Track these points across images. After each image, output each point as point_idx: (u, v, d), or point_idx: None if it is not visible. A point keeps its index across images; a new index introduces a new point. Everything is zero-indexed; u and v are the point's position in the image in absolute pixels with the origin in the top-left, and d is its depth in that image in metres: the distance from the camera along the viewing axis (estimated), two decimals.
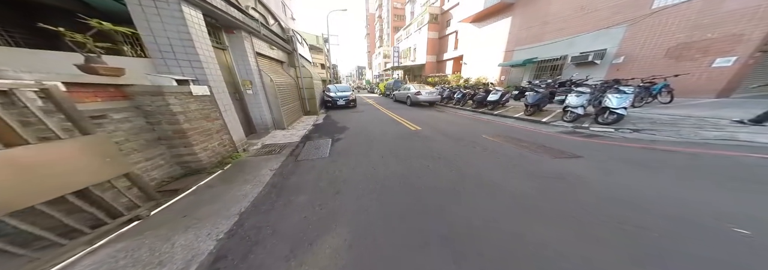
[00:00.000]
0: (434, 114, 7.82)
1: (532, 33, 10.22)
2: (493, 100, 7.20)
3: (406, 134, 4.87)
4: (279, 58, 6.47)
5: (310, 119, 7.14)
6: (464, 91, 9.56)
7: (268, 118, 4.87)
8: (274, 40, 5.51)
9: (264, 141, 4.31)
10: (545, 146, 3.55)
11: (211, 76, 2.82)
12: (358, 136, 4.82)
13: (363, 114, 8.24)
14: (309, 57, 11.63)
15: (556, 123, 4.90)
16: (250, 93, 4.34)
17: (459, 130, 5.15)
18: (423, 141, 4.26)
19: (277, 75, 5.72)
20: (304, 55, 9.69)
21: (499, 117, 6.49)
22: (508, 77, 11.90)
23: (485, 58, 14.02)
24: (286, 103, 5.92)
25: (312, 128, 5.83)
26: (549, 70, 9.42)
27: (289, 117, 5.98)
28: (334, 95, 9.93)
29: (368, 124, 6.23)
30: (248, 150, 3.73)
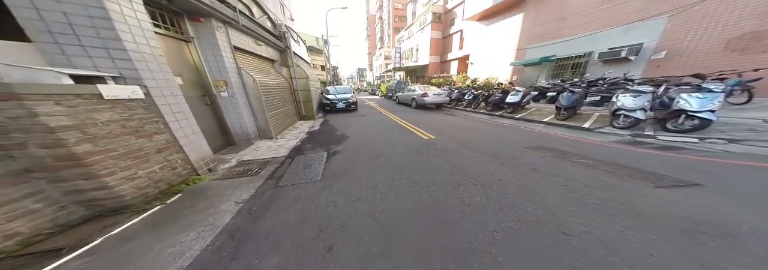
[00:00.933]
0: (445, 118, 6.93)
1: (548, 29, 9.38)
2: (512, 102, 6.32)
3: (419, 146, 3.97)
4: (269, 56, 5.63)
5: (305, 125, 6.27)
6: (476, 92, 8.70)
7: (251, 126, 4.00)
8: (260, 35, 4.67)
9: (242, 156, 3.43)
10: (620, 165, 2.64)
11: (148, 73, 1.96)
12: (359, 149, 3.93)
13: (365, 119, 7.36)
14: (306, 57, 10.83)
15: (604, 129, 3.99)
16: (225, 96, 3.47)
17: (483, 139, 4.25)
18: (443, 156, 3.36)
19: (265, 75, 4.87)
20: (300, 54, 8.89)
21: (523, 122, 5.60)
22: (521, 77, 11.03)
23: (494, 57, 13.19)
24: (276, 106, 5.06)
25: (305, 137, 4.95)
26: (570, 68, 8.54)
27: (279, 123, 5.11)
28: (333, 98, 9.08)
29: (372, 131, 5.35)
30: (216, 170, 2.84)
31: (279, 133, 5.06)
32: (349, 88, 10.74)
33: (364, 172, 2.88)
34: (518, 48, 11.16)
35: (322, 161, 3.35)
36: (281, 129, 5.23)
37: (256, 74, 4.30)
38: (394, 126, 5.89)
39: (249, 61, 4.44)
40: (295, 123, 6.59)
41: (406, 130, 5.36)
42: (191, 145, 2.41)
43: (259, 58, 5.17)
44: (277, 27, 6.45)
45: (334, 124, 6.58)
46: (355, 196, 2.27)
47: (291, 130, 5.60)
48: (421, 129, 5.33)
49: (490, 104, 7.30)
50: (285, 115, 5.65)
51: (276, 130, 4.83)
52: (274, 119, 4.75)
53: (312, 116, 7.53)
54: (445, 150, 3.64)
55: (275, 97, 5.10)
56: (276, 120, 4.89)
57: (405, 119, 6.87)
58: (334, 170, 2.99)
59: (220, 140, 3.54)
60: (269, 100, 4.67)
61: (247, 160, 3.28)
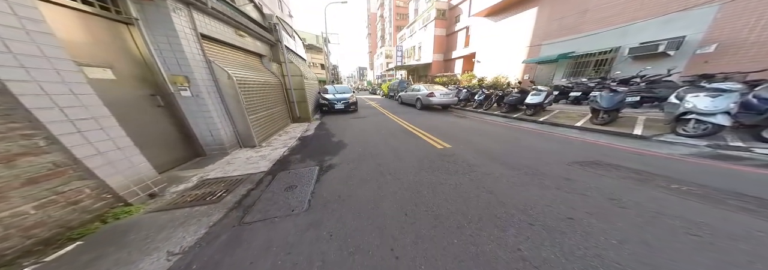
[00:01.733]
0: (456, 121, 6.15)
1: (566, 24, 8.59)
2: (533, 103, 5.54)
3: (433, 158, 3.21)
4: (256, 51, 4.87)
5: (299, 129, 5.50)
6: (487, 92, 7.93)
7: (227, 133, 3.24)
8: (241, 24, 3.91)
9: (208, 172, 2.66)
10: (743, 194, 1.87)
11: (9, 58, 1.19)
12: (360, 162, 3.17)
13: (366, 121, 6.59)
14: (303, 53, 10.07)
15: (665, 138, 3.22)
16: (187, 95, 2.70)
17: (511, 149, 3.48)
18: (469, 173, 2.60)
19: (250, 71, 4.11)
20: (296, 50, 8.12)
21: (550, 126, 4.82)
22: (533, 76, 10.25)
23: (503, 55, 12.41)
24: (262, 108, 4.29)
25: (296, 144, 4.18)
26: (592, 65, 7.76)
27: (265, 128, 4.35)
28: (332, 97, 8.32)
29: (374, 137, 4.58)
30: (162, 194, 2.08)
31: (265, 139, 4.29)
32: (348, 88, 9.98)
33: (366, 199, 2.12)
34: (531, 45, 10.38)
35: (312, 180, 2.59)
36: (268, 134, 4.47)
37: (235, 70, 3.54)
38: (399, 130, 5.11)
39: (227, 54, 3.67)
40: (287, 126, 5.83)
41: (414, 135, 4.58)
42: (113, 166, 1.65)
43: (243, 52, 4.40)
44: (266, 18, 5.68)
45: (331, 127, 5.81)
46: (354, 245, 1.52)
47: (281, 135, 4.83)
48: (431, 134, 4.56)
49: (506, 105, 6.53)
50: (273, 118, 4.89)
51: (261, 135, 4.06)
52: (258, 123, 3.99)
53: (307, 118, 6.76)
54: (469, 165, 2.87)
55: (261, 96, 4.33)
56: (261, 124, 4.13)
57: (410, 122, 6.10)
58: (325, 195, 2.23)
59: (179, 151, 2.78)
60: (253, 100, 3.90)
61: (212, 179, 2.52)
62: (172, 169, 2.60)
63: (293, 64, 6.19)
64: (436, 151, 3.52)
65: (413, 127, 5.35)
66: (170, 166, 2.61)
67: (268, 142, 4.22)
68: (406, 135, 4.64)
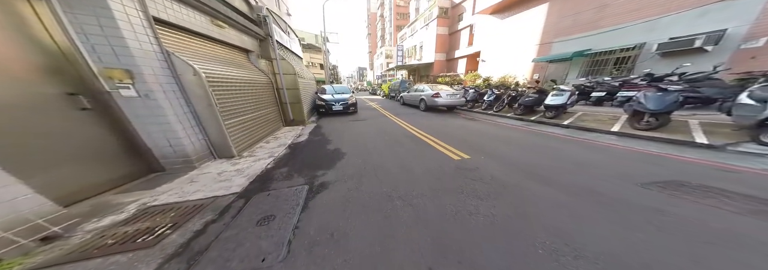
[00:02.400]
0: (466, 124, 5.52)
1: (581, 20, 8.00)
2: (555, 105, 4.91)
3: (452, 173, 2.57)
4: (241, 45, 4.24)
5: (291, 134, 4.86)
6: (497, 92, 7.32)
7: (193, 142, 2.59)
8: (217, 11, 3.27)
9: (157, 196, 2.01)
10: None
11: None
12: (360, 179, 2.54)
13: (367, 124, 5.96)
14: (299, 51, 9.45)
15: (746, 147, 2.59)
16: (131, 95, 2.06)
17: (547, 161, 2.84)
18: (504, 197, 1.97)
19: (227, 67, 3.48)
20: (291, 47, 7.50)
21: (578, 131, 4.20)
22: (544, 75, 9.64)
23: (510, 53, 11.82)
24: (246, 111, 3.66)
25: (284, 154, 3.54)
26: (613, 63, 7.14)
27: (249, 134, 3.71)
28: (330, 98, 7.68)
29: (376, 144, 3.94)
30: (69, 236, 1.44)
31: (249, 147, 3.65)
32: (347, 88, 9.36)
33: (370, 240, 1.49)
34: (541, 43, 9.78)
35: (297, 207, 1.97)
36: (253, 141, 3.83)
37: (208, 65, 2.90)
38: (404, 135, 4.48)
39: (198, 46, 3.03)
40: (278, 130, 5.18)
41: (422, 142, 3.95)
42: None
43: (223, 46, 3.77)
44: (255, 10, 5.05)
45: (327, 131, 5.17)
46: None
47: (268, 141, 4.19)
48: (442, 141, 3.92)
49: (521, 107, 5.90)
50: (260, 121, 4.25)
51: (242, 143, 3.42)
52: (239, 129, 3.34)
53: (302, 121, 6.12)
54: (502, 184, 2.24)
55: (245, 97, 3.70)
56: (243, 129, 3.48)
57: (416, 125, 5.46)
58: (312, 233, 1.61)
59: (121, 168, 2.13)
60: (233, 101, 3.26)
61: (158, 206, 1.87)
62: (105, 192, 1.95)
63: (285, 62, 5.56)
64: (453, 164, 2.88)
65: (420, 132, 4.72)
66: (104, 188, 1.96)
67: (251, 150, 3.57)
68: (413, 142, 4.00)
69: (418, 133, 4.69)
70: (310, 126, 5.97)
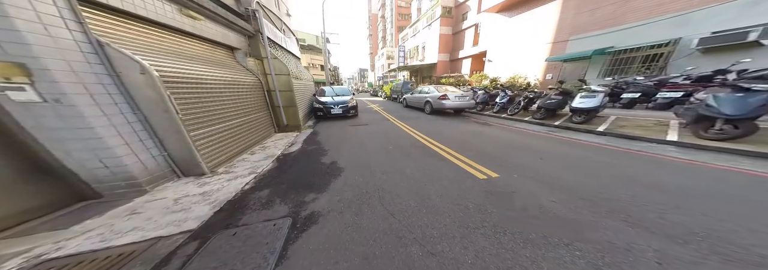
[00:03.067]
0: (481, 131, 4.89)
1: (601, 15, 7.37)
2: (585, 108, 4.27)
3: (482, 201, 1.95)
4: (223, 41, 3.67)
5: (282, 142, 4.27)
6: (510, 94, 6.71)
7: (140, 161, 2.00)
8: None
9: (71, 237, 1.41)
10: None
11: None
12: (360, 209, 1.93)
13: (368, 130, 5.35)
14: (296, 51, 8.90)
15: None
16: (32, 99, 1.46)
17: (610, 184, 2.20)
18: (590, 250, 1.32)
19: (200, 65, 2.89)
20: (287, 46, 6.95)
21: (620, 139, 3.55)
22: (558, 75, 9.00)
23: (518, 53, 11.21)
24: (223, 118, 3.07)
25: (269, 169, 2.93)
26: (639, 62, 6.49)
27: (230, 144, 3.12)
28: (328, 101, 7.09)
29: (380, 155, 3.32)
30: None
31: (228, 160, 3.05)
32: (348, 89, 8.77)
33: None
34: (554, 41, 9.16)
35: (271, 259, 1.37)
36: (233, 153, 3.22)
37: (168, 61, 2.30)
38: (412, 145, 3.85)
39: (156, 39, 2.44)
40: (269, 137, 4.59)
41: (435, 153, 3.32)
42: None
43: (198, 41, 3.19)
44: (241, 2, 4.49)
45: (324, 139, 4.57)
46: None
47: (254, 152, 3.59)
48: (458, 152, 3.29)
49: (541, 110, 5.27)
50: (245, 129, 3.65)
51: (217, 157, 2.82)
52: (212, 140, 2.74)
53: (297, 126, 5.53)
54: (563, 221, 1.61)
55: (223, 101, 3.11)
56: (218, 141, 2.88)
57: (424, 132, 4.84)
58: None
59: (23, 200, 1.53)
60: (204, 106, 2.67)
61: (59, 259, 1.26)
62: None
63: (278, 61, 4.99)
64: (480, 185, 2.25)
65: (430, 140, 4.09)
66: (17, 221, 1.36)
67: (230, 165, 2.97)
68: (423, 153, 3.37)
69: (428, 141, 4.06)
70: (305, 132, 5.37)
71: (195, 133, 2.42)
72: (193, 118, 2.46)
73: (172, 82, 2.19)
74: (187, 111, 2.36)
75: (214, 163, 2.73)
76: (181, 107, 2.29)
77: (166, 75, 2.10)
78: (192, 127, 2.40)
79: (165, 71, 2.09)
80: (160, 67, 2.04)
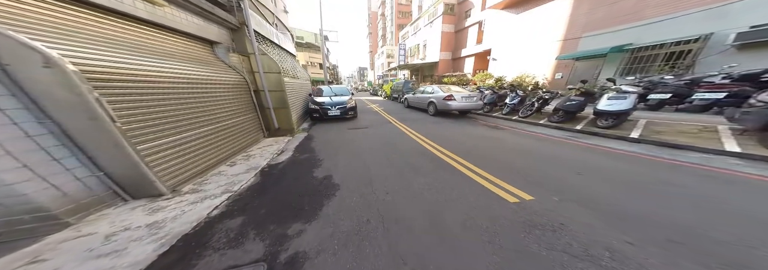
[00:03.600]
0: (495, 136, 4.38)
1: (618, 10, 6.87)
2: (615, 111, 3.77)
3: (520, 240, 1.43)
4: (197, 33, 3.13)
5: (270, 149, 3.74)
6: (522, 95, 6.22)
7: (53, 186, 1.48)
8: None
9: None
10: None
11: None
12: (358, 246, 1.45)
13: (368, 134, 4.83)
14: (292, 48, 8.36)
15: None
16: None
17: (728, 227, 1.68)
18: None
19: (161, 60, 2.36)
20: (278, 41, 6.41)
21: (658, 147, 3.05)
22: (569, 74, 8.52)
23: (525, 51, 10.71)
24: (193, 125, 2.54)
25: (248, 186, 2.41)
26: (661, 59, 6.00)
27: (199, 157, 2.59)
28: (325, 101, 6.56)
29: (382, 168, 2.80)
30: None
31: (198, 175, 2.52)
32: (346, 89, 8.24)
33: None
34: (565, 38, 8.66)
35: None
36: (206, 166, 2.69)
37: (106, 52, 1.77)
38: (419, 153, 3.33)
39: (91, 25, 1.89)
40: (256, 144, 4.06)
41: (447, 165, 2.81)
42: None
43: (163, 31, 2.65)
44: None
45: (319, 145, 4.04)
46: None
47: (235, 163, 3.06)
48: (475, 165, 2.77)
49: (559, 113, 4.76)
50: (219, 138, 3.12)
51: (183, 172, 2.29)
52: (177, 152, 2.21)
53: (290, 129, 5.01)
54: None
55: (191, 104, 2.58)
56: (184, 152, 2.35)
57: (430, 137, 4.32)
58: None
59: None
60: (162, 110, 2.13)
61: None
62: None
63: (267, 57, 4.45)
64: (514, 213, 1.74)
65: (438, 148, 3.57)
66: None
67: (201, 180, 2.45)
68: (434, 165, 2.86)
69: (436, 149, 3.55)
70: (299, 136, 4.85)
71: (149, 145, 1.90)
72: (146, 126, 1.93)
73: (108, 80, 1.66)
74: (134, 118, 1.83)
75: (177, 181, 2.21)
76: (126, 113, 1.76)
77: (97, 71, 1.57)
78: (144, 138, 1.87)
79: (94, 66, 1.56)
80: (85, 61, 1.51)
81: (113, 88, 1.68)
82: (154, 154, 1.94)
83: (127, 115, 1.76)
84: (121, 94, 1.76)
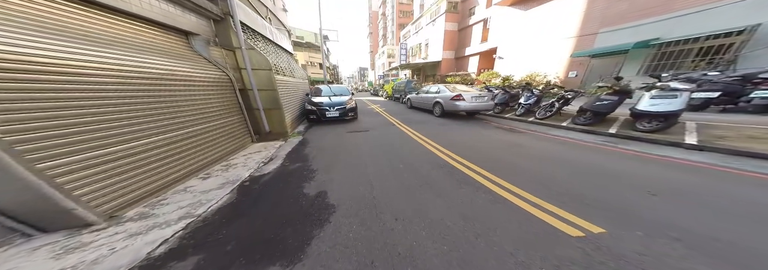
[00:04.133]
0: (515, 141, 3.83)
1: (641, 3, 6.33)
2: (662, 113, 3.19)
3: None
4: (164, 20, 2.62)
5: (257, 156, 3.21)
6: (538, 93, 5.69)
7: None
8: None
9: None
10: None
11: None
12: None
13: (370, 138, 4.28)
14: (287, 45, 7.86)
15: None
16: None
17: None
18: None
19: (113, 50, 1.84)
20: (272, 37, 5.90)
21: (731, 157, 2.48)
22: (585, 73, 7.95)
23: (534, 48, 10.16)
24: (157, 130, 2.02)
25: (218, 208, 1.87)
26: (694, 55, 5.43)
27: (166, 167, 2.06)
28: (324, 102, 6.04)
29: (388, 183, 2.25)
30: None
31: (151, 194, 1.97)
32: (346, 89, 7.72)
33: None
34: (580, 34, 8.11)
35: None
36: (168, 180, 2.15)
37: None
38: (432, 164, 2.77)
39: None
40: (242, 150, 3.53)
41: (469, 179, 2.25)
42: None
43: (116, 16, 2.13)
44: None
45: (314, 152, 3.50)
46: None
47: (209, 176, 2.52)
48: (503, 179, 2.21)
49: (586, 113, 4.20)
50: (196, 143, 2.59)
51: (127, 192, 1.75)
52: (113, 167, 1.68)
53: (282, 133, 4.49)
54: None
55: (149, 104, 2.05)
56: (130, 166, 1.81)
57: (440, 141, 3.77)
58: None
59: None
60: (96, 114, 1.61)
61: None
62: None
63: (256, 52, 3.94)
64: (582, 256, 1.19)
65: (454, 156, 3.02)
66: None
67: (157, 200, 1.90)
68: (453, 179, 2.30)
69: (452, 157, 2.99)
70: (293, 141, 4.31)
71: (67, 160, 1.37)
72: (68, 135, 1.40)
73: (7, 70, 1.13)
74: (42, 123, 1.30)
75: (117, 204, 1.67)
76: (30, 117, 1.23)
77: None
78: (58, 152, 1.34)
79: None
80: None
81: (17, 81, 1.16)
82: (76, 172, 1.41)
83: (32, 119, 1.24)
84: (26, 90, 1.23)
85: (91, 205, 1.47)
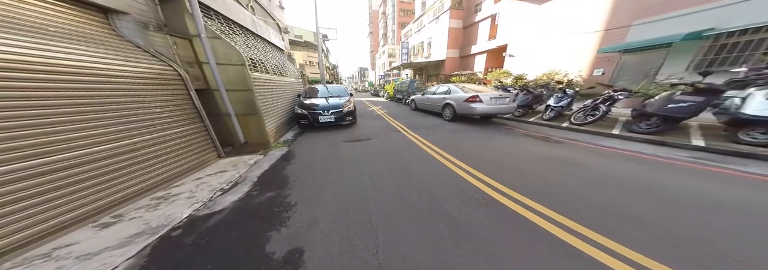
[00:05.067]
0: (561, 154, 2.92)
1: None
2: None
3: None
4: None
5: (218, 179, 2.32)
6: (571, 94, 4.82)
7: None
8: None
9: None
10: None
11: None
12: None
13: (371, 149, 3.37)
14: (278, 41, 7.00)
15: None
16: None
17: None
18: None
19: None
20: (255, 30, 5.03)
21: None
22: (615, 71, 7.03)
23: (550, 45, 9.25)
24: (41, 152, 1.12)
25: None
26: (767, 46, 4.49)
27: (38, 210, 1.16)
28: (317, 104, 5.15)
29: (399, 223, 1.33)
30: None
31: (31, 244, 1.07)
32: (344, 89, 6.83)
33: None
34: (607, 28, 7.19)
35: None
36: (34, 232, 1.25)
37: None
38: (456, 189, 1.86)
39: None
40: (198, 170, 2.63)
41: (520, 220, 1.33)
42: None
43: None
44: None
45: (298, 171, 2.60)
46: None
47: (121, 217, 1.62)
48: (584, 225, 1.30)
49: (654, 119, 3.28)
50: (82, 172, 1.69)
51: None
52: None
53: (263, 143, 3.62)
54: None
55: (30, 115, 1.16)
56: None
57: (460, 155, 2.85)
58: None
59: None
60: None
61: None
62: None
63: (222, 42, 3.07)
64: None
65: (486, 180, 2.10)
66: None
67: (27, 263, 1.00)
68: (494, 220, 1.39)
69: (486, 182, 2.08)
70: (275, 154, 3.40)
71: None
72: None
73: None
74: None
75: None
76: None
77: None
78: None
79: None
80: None
81: None
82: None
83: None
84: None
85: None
